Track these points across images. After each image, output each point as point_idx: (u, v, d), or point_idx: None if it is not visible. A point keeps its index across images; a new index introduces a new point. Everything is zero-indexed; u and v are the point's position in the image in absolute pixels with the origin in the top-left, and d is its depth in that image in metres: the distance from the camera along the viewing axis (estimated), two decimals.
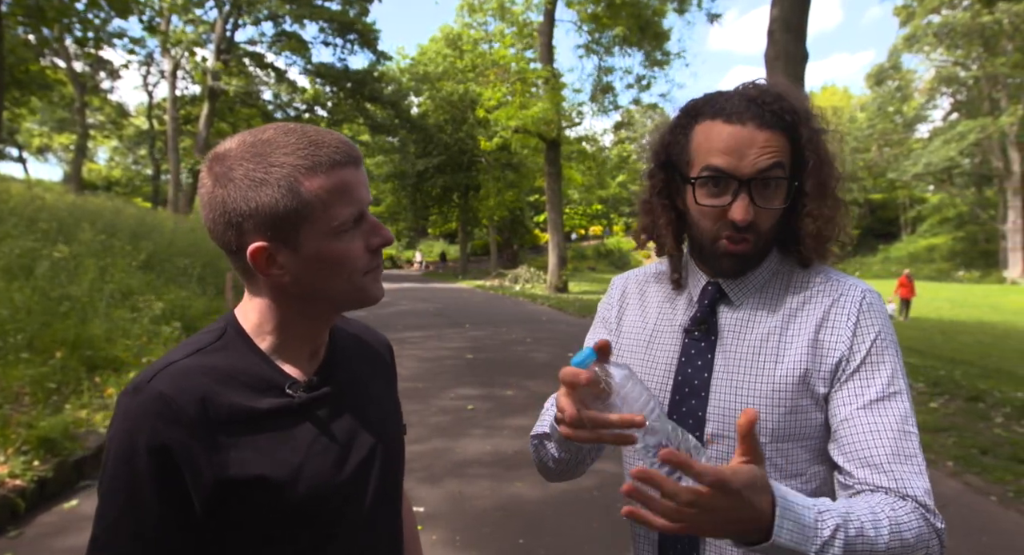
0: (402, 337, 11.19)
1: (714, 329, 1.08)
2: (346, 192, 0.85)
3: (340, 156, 0.85)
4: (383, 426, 1.01)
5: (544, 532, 3.59)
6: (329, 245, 0.85)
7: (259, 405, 0.86)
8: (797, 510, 0.76)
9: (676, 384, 1.07)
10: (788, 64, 8.59)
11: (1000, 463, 4.77)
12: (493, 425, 5.68)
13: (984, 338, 14.58)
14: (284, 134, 0.84)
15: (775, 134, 1.00)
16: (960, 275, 41.78)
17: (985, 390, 7.10)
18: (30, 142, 41.81)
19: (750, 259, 1.06)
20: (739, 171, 0.99)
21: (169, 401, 0.80)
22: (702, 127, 1.03)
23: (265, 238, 0.83)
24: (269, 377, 0.89)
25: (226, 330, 0.91)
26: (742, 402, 1.01)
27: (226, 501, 0.81)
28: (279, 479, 0.84)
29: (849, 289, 1.03)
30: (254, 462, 0.83)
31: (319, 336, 0.95)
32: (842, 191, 1.09)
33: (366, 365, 1.07)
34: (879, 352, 0.97)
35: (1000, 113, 38.95)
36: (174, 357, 0.86)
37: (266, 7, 26.75)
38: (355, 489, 0.93)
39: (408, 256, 48.46)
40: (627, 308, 1.23)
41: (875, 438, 0.92)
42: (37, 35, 12.01)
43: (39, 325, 5.85)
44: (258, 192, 0.81)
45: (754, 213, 1.00)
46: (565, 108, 23.08)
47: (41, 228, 8.82)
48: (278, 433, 0.86)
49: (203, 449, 0.80)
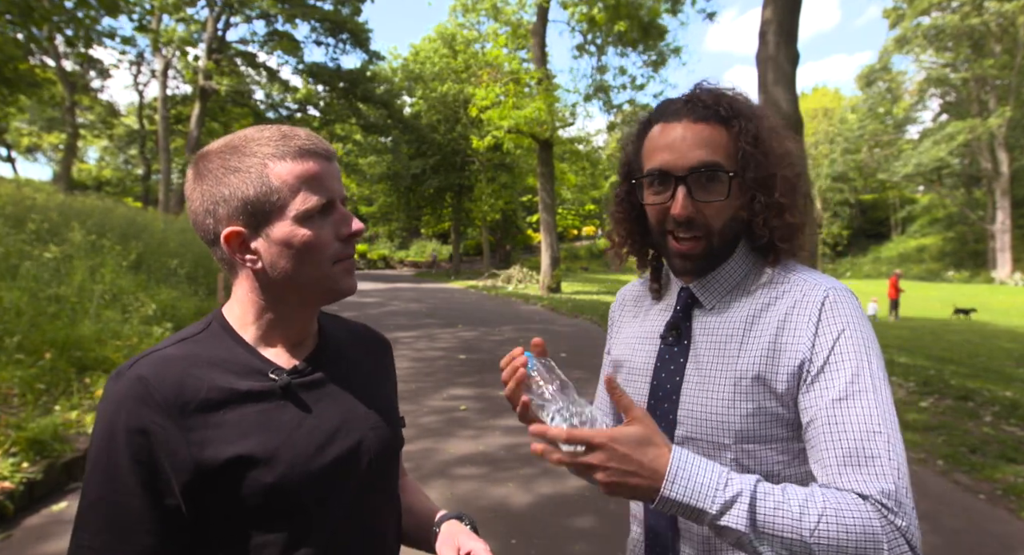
0: (394, 337, 11.16)
1: (687, 334, 1.09)
2: (314, 180, 0.89)
3: (309, 146, 0.90)
4: (375, 418, 1.01)
5: (535, 532, 3.59)
6: (297, 230, 0.88)
7: (239, 387, 0.88)
8: (696, 470, 0.83)
9: (652, 389, 1.10)
10: (779, 65, 8.64)
11: (989, 461, 4.81)
12: (484, 426, 5.68)
13: (973, 337, 14.68)
14: (260, 131, 0.91)
15: (710, 128, 1.02)
16: (950, 275, 42.11)
17: (974, 389, 7.16)
18: (19, 141, 41.42)
19: (702, 258, 1.05)
20: (675, 167, 1.02)
21: (147, 384, 0.82)
22: (650, 132, 1.08)
23: (239, 223, 0.88)
24: (252, 364, 0.91)
25: (211, 323, 0.95)
26: (707, 404, 1.01)
27: (204, 483, 0.82)
28: (256, 458, 0.85)
29: (812, 288, 1.00)
30: (231, 442, 0.84)
31: (302, 326, 0.97)
32: (801, 186, 1.06)
33: (361, 359, 1.08)
34: (842, 351, 0.93)
35: (989, 114, 39.30)
36: (157, 347, 0.90)
37: (258, 6, 26.64)
38: (339, 476, 0.93)
39: (400, 256, 48.40)
40: (624, 318, 1.28)
41: (834, 440, 0.89)
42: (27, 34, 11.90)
43: (28, 326, 5.81)
44: (230, 179, 0.87)
45: (695, 208, 1.01)
46: (558, 108, 23.07)
47: (30, 228, 8.75)
48: (258, 415, 0.88)
49: (181, 431, 0.82)
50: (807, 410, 0.94)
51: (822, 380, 0.93)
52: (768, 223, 1.04)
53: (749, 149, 1.02)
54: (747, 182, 1.03)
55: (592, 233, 56.05)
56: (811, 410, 0.93)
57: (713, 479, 0.83)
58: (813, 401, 0.93)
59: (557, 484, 4.29)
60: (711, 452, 1.01)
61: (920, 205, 50.48)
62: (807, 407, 0.94)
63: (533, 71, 22.71)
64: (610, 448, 0.82)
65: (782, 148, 1.05)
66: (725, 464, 0.99)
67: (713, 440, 1.00)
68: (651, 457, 0.83)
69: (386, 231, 46.89)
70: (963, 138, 39.07)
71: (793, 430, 0.98)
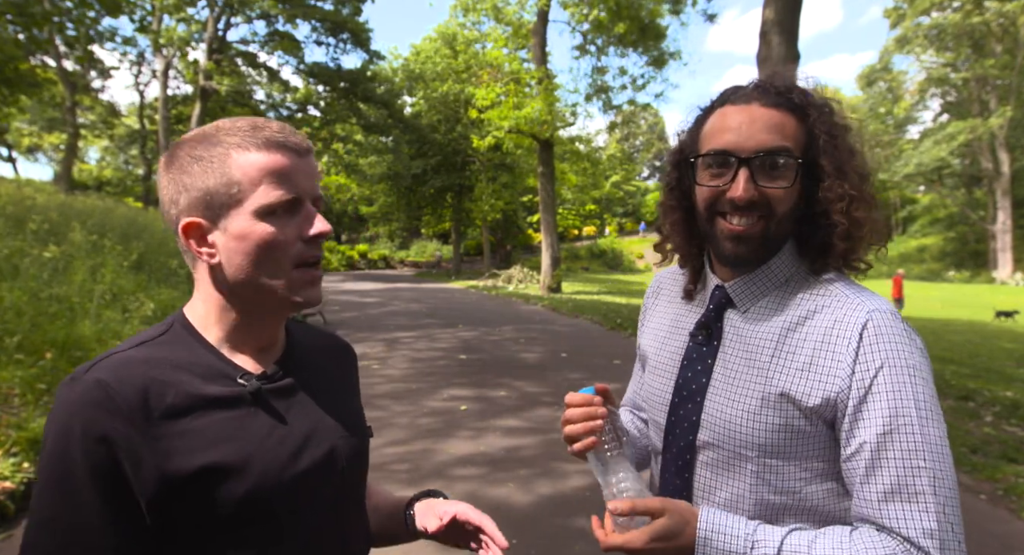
0: (394, 337, 11.16)
1: (717, 334, 1.06)
2: (279, 174, 0.84)
3: (278, 138, 0.85)
4: (345, 427, 0.98)
5: (535, 533, 3.58)
6: (256, 225, 0.83)
7: (206, 393, 0.83)
8: (721, 541, 0.88)
9: (676, 386, 1.08)
10: (780, 65, 8.63)
11: (990, 462, 4.80)
12: (484, 426, 5.68)
13: (974, 338, 14.66)
14: (234, 121, 0.87)
15: (781, 113, 0.98)
16: (950, 275, 42.10)
17: (975, 389, 7.15)
18: (19, 142, 41.43)
19: (758, 242, 0.99)
20: (740, 149, 0.97)
21: (107, 388, 0.76)
22: (713, 116, 1.03)
23: (198, 214, 0.84)
24: (218, 368, 0.86)
25: (173, 324, 0.90)
26: (733, 413, 0.99)
27: (171, 494, 0.78)
28: (227, 468, 0.80)
29: (855, 309, 0.94)
30: (200, 451, 0.79)
31: (266, 331, 0.92)
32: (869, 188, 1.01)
33: (329, 367, 1.04)
34: (884, 383, 0.89)
35: (990, 114, 39.27)
36: (116, 349, 0.84)
37: (258, 6, 26.65)
38: (312, 485, 0.89)
39: (401, 256, 48.42)
40: (657, 306, 1.24)
41: (876, 475, 0.87)
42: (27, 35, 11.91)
43: (29, 326, 5.81)
44: (193, 168, 0.84)
45: (759, 193, 0.96)
46: (559, 108, 23.07)
47: (31, 228, 8.76)
48: (228, 422, 0.83)
49: (145, 440, 0.76)
50: (849, 442, 0.91)
51: (864, 413, 0.90)
52: (837, 214, 0.98)
53: (826, 138, 0.98)
54: (818, 172, 0.99)
55: (593, 233, 56.08)
56: (853, 443, 0.90)
57: (739, 544, 0.87)
58: (855, 435, 0.90)
59: (557, 484, 4.28)
60: (732, 461, 0.99)
61: (921, 205, 50.48)
62: (848, 439, 0.91)
63: (533, 71, 22.71)
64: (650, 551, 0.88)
65: (854, 145, 1.02)
66: (746, 475, 0.98)
67: (735, 450, 0.99)
68: (683, 540, 0.89)
69: (386, 231, 46.90)
70: (964, 138, 39.05)
71: (819, 449, 0.95)
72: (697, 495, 1.04)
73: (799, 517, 0.97)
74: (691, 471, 1.05)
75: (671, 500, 0.92)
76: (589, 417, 0.98)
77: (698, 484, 1.04)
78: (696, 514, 0.90)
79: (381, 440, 5.24)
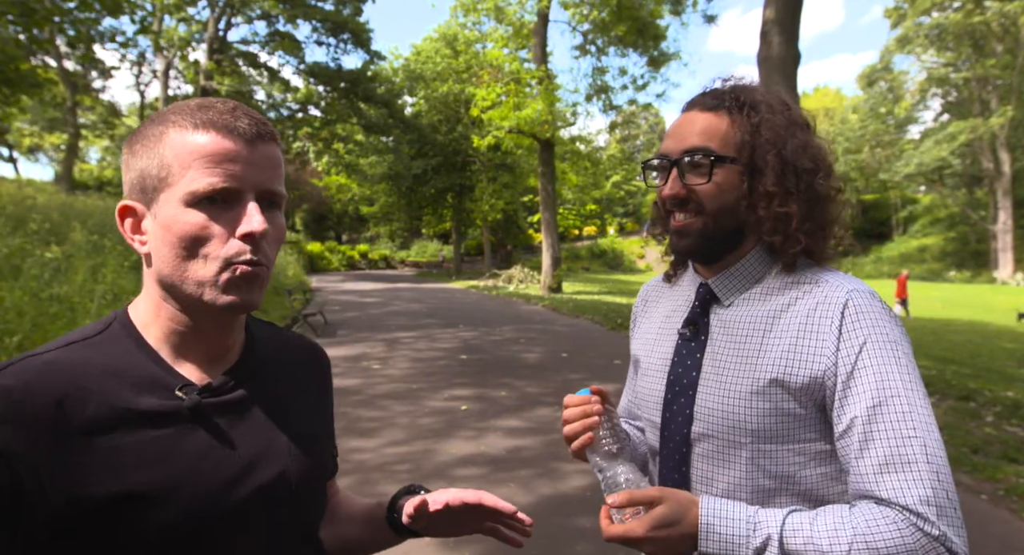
0: (394, 337, 11.17)
1: (704, 330, 1.10)
2: (214, 159, 0.74)
3: (222, 121, 0.75)
4: (300, 447, 0.86)
5: (537, 533, 3.58)
6: (180, 214, 0.74)
7: (136, 406, 0.73)
8: (724, 522, 0.89)
9: (668, 383, 1.11)
10: (780, 65, 8.63)
11: (991, 462, 4.80)
12: (484, 426, 5.68)
13: (975, 338, 14.65)
14: (188, 101, 0.79)
15: (714, 116, 1.05)
16: (951, 275, 42.06)
17: (976, 389, 7.15)
18: (20, 142, 41.48)
19: (698, 237, 1.06)
20: (670, 151, 1.06)
21: (10, 397, 0.67)
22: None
23: (135, 197, 0.78)
24: (156, 377, 0.76)
25: (112, 323, 0.80)
26: (725, 402, 1.02)
27: (80, 520, 0.68)
28: (149, 495, 0.70)
29: (834, 290, 0.99)
30: (119, 475, 0.69)
31: (213, 336, 0.81)
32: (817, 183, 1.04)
33: (293, 378, 0.93)
34: (869, 358, 0.92)
35: (991, 114, 39.22)
36: (38, 350, 0.74)
37: (259, 6, 26.67)
38: (250, 519, 0.78)
39: (402, 256, 48.47)
40: (647, 312, 1.29)
41: (869, 448, 0.90)
42: (28, 35, 11.92)
43: (30, 326, 5.82)
44: (132, 148, 0.78)
45: (686, 190, 1.04)
46: (559, 108, 23.06)
47: (32, 228, 8.76)
48: (157, 441, 0.73)
49: (54, 458, 0.67)
50: (840, 420, 0.94)
51: (852, 389, 0.93)
52: (757, 212, 1.04)
53: (746, 137, 1.03)
54: (751, 171, 1.04)
55: (593, 233, 56.07)
56: (844, 419, 0.93)
57: (741, 528, 0.88)
58: (845, 411, 0.93)
59: (557, 485, 4.29)
60: (727, 450, 1.02)
61: (921, 205, 50.39)
62: (840, 417, 0.94)
63: (534, 71, 22.71)
64: (652, 539, 0.89)
65: (796, 141, 1.04)
66: (741, 463, 1.00)
67: (729, 438, 1.01)
68: (684, 528, 0.90)
69: (387, 231, 46.90)
70: (965, 138, 38.99)
71: (811, 432, 0.98)
72: (695, 488, 1.07)
73: (794, 502, 0.99)
74: (688, 465, 1.07)
75: (669, 489, 0.93)
76: (585, 415, 1.02)
77: (696, 477, 1.07)
78: (695, 501, 0.92)
79: (382, 440, 5.24)
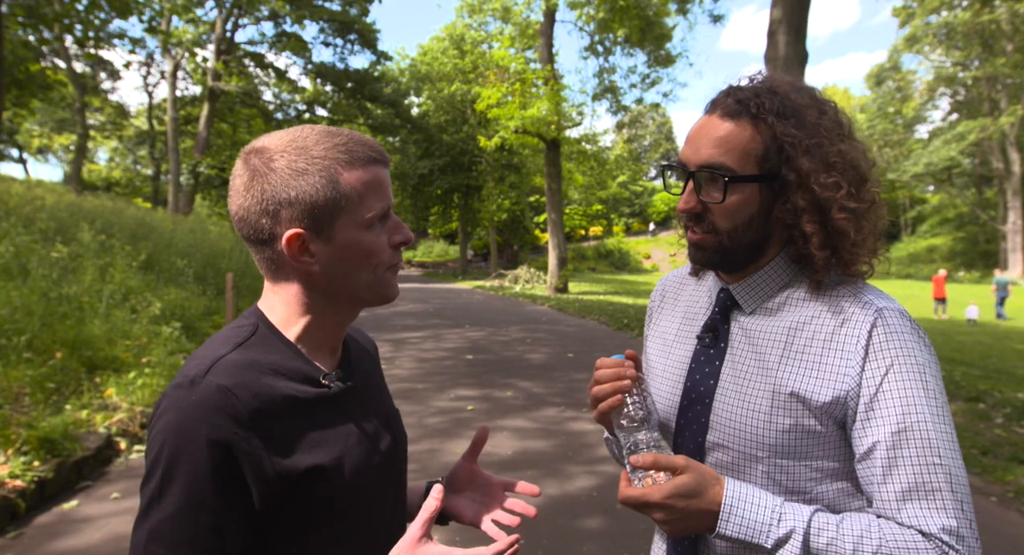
0: (401, 338, 11.18)
1: (724, 337, 1.06)
2: (378, 188, 0.90)
3: (375, 154, 0.91)
4: (394, 421, 1.06)
5: (543, 533, 3.58)
6: (361, 237, 0.89)
7: (303, 396, 0.88)
8: (749, 506, 0.87)
9: (685, 389, 1.07)
10: (788, 64, 8.60)
11: (1000, 463, 4.77)
12: (491, 426, 5.68)
13: (984, 338, 14.56)
14: (320, 132, 0.90)
15: (735, 125, 0.97)
16: (960, 275, 41.78)
17: (985, 390, 7.10)
18: (30, 143, 41.78)
19: (713, 253, 1.02)
20: (688, 161, 1.00)
21: (228, 394, 0.80)
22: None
23: (302, 226, 0.86)
24: (305, 370, 0.91)
25: (258, 326, 0.93)
26: (743, 414, 0.99)
27: (284, 493, 0.83)
28: (328, 467, 0.86)
29: (863, 308, 0.94)
30: (307, 451, 0.85)
31: (339, 332, 0.98)
32: (856, 198, 0.96)
33: (370, 365, 1.11)
34: (895, 381, 0.89)
35: (1000, 113, 38.95)
36: (219, 352, 0.86)
37: (266, 7, 26.77)
38: (382, 479, 0.97)
39: (408, 256, 48.60)
40: (664, 309, 1.24)
41: (892, 473, 0.87)
42: (37, 36, 12.01)
43: (39, 325, 5.85)
44: (299, 181, 0.85)
45: (701, 205, 1.00)
46: (565, 108, 23.04)
47: (40, 228, 8.82)
48: (322, 423, 0.89)
49: (262, 443, 0.81)
50: (861, 442, 0.91)
51: (876, 411, 0.89)
52: (785, 225, 0.99)
53: (772, 149, 0.96)
54: (774, 186, 0.98)
55: (599, 233, 56.01)
56: (866, 442, 0.90)
57: (766, 515, 0.87)
58: (867, 434, 0.90)
59: (564, 485, 4.28)
60: (742, 462, 0.99)
61: (930, 205, 50.13)
62: (861, 439, 0.91)
63: (540, 71, 22.70)
64: (668, 506, 0.88)
65: (830, 150, 0.96)
66: (756, 476, 0.97)
67: (745, 451, 0.98)
68: (704, 503, 0.88)
69: None
70: (974, 137, 38.75)
71: (829, 450, 0.95)
72: None
73: None
74: None
75: (695, 461, 0.92)
76: (618, 377, 1.00)
77: None
78: (720, 480, 0.90)
79: None
